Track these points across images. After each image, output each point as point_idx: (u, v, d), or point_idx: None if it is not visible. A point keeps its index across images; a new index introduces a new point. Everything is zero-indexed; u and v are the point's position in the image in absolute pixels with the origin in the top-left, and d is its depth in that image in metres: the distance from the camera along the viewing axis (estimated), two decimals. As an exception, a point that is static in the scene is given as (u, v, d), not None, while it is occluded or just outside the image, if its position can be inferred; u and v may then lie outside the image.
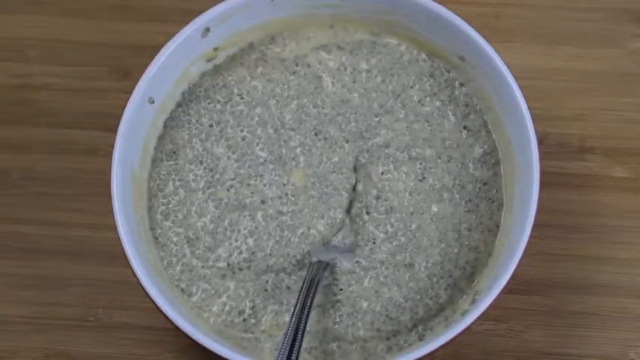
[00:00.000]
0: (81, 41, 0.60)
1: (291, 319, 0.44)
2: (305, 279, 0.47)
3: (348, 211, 0.51)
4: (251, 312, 0.48)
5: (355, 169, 0.51)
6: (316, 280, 0.46)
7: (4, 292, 0.55)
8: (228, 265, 0.49)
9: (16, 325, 0.55)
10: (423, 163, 0.51)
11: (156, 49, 0.49)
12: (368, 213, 0.50)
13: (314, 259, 0.49)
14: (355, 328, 0.48)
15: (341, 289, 0.49)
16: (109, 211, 0.46)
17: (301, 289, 0.46)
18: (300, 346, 0.43)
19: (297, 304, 0.45)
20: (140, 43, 0.60)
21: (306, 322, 0.44)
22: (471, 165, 0.51)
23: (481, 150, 0.51)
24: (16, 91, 0.59)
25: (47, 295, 0.55)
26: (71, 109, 0.59)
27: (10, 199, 0.57)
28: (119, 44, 0.60)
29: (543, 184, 0.46)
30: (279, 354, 0.43)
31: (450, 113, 0.52)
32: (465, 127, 0.51)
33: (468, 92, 0.52)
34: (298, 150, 0.51)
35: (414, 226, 0.50)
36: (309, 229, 0.50)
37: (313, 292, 0.46)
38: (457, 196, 0.50)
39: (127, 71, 0.59)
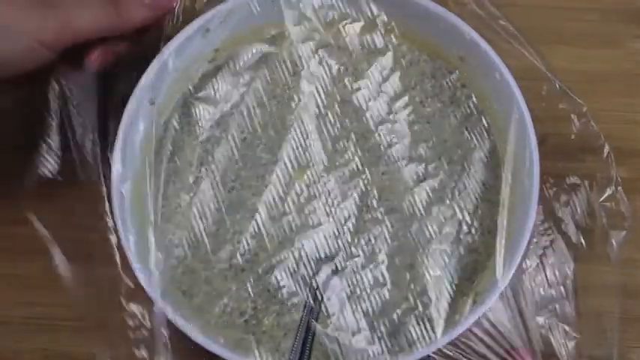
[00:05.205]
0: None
1: (300, 326, 0.45)
2: (310, 282, 0.47)
3: (349, 211, 0.51)
4: (252, 313, 0.48)
5: (356, 170, 0.51)
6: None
7: (4, 293, 0.55)
8: (230, 266, 0.49)
9: (16, 326, 0.54)
10: (424, 164, 0.51)
11: (156, 49, 0.49)
12: (368, 213, 0.50)
13: (320, 255, 0.49)
14: (355, 329, 0.48)
15: (341, 290, 0.49)
16: (110, 212, 0.46)
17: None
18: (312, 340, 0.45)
19: (304, 307, 0.45)
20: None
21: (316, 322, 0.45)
22: (471, 166, 0.51)
23: (482, 151, 0.51)
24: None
25: (47, 295, 0.55)
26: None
27: (10, 199, 0.57)
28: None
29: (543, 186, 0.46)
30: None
31: (451, 114, 0.52)
32: (466, 129, 0.52)
33: (469, 93, 0.52)
34: (299, 150, 0.51)
35: (414, 226, 0.50)
36: (311, 228, 0.50)
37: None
38: (457, 197, 0.50)
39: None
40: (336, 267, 0.49)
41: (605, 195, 0.56)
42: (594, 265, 0.55)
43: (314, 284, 0.48)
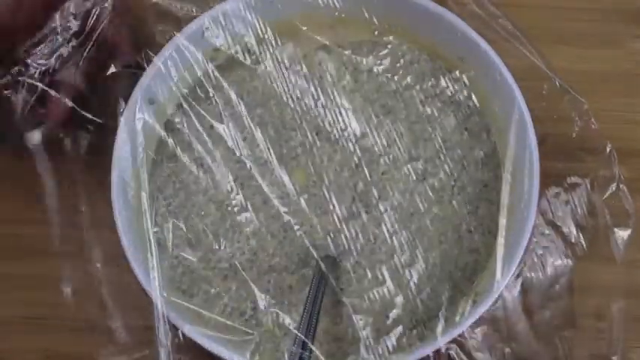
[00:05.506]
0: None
1: (303, 314, 0.44)
2: (314, 275, 0.47)
3: (349, 210, 0.51)
4: (252, 313, 0.48)
5: (356, 169, 0.51)
6: (325, 275, 0.47)
7: (5, 293, 0.55)
8: (230, 266, 0.49)
9: (16, 326, 0.55)
10: (424, 164, 0.51)
11: (156, 50, 0.49)
12: (368, 212, 0.50)
13: (321, 254, 0.49)
14: (355, 329, 0.48)
15: (341, 289, 0.49)
16: (110, 212, 0.46)
17: (311, 285, 0.46)
18: (313, 338, 0.44)
19: (307, 301, 0.45)
20: (140, 43, 0.59)
21: (317, 318, 0.45)
22: (471, 166, 0.51)
23: (482, 152, 0.51)
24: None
25: (47, 295, 0.55)
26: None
27: (11, 199, 0.57)
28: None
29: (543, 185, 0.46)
30: (295, 343, 0.43)
31: (451, 114, 0.52)
32: (465, 129, 0.52)
33: (469, 93, 0.52)
34: (299, 150, 0.51)
35: (414, 226, 0.50)
36: (311, 228, 0.50)
37: (323, 286, 0.46)
38: (457, 197, 0.50)
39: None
40: (337, 266, 0.49)
41: (608, 193, 0.56)
42: (594, 265, 0.55)
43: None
